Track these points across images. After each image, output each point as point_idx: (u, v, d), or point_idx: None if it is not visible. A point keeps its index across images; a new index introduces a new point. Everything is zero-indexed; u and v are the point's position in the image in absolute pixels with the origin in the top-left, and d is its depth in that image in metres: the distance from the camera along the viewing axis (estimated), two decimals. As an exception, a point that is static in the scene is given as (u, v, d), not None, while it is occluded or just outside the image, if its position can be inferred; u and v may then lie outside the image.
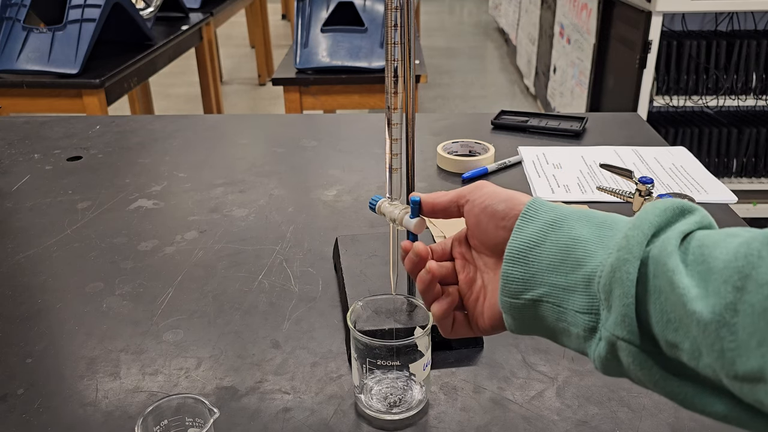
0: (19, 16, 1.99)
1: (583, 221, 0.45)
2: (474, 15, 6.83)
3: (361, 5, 2.03)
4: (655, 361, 0.40)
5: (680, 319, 0.37)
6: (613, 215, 0.45)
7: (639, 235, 0.40)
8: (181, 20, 2.72)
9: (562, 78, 3.20)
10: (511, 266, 0.46)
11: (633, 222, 0.41)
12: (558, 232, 0.45)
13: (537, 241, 0.45)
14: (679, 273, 0.37)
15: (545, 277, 0.44)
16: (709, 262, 0.37)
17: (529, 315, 0.46)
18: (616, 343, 0.40)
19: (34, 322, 0.77)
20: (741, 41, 2.32)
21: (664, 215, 0.41)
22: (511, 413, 0.63)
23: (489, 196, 0.50)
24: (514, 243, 0.46)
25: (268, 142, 1.31)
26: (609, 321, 0.40)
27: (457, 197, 0.53)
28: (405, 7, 0.59)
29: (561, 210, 0.46)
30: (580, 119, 1.33)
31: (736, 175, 2.47)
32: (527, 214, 0.46)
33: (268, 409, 0.64)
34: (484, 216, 0.50)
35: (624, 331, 0.40)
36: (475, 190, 0.51)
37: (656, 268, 0.39)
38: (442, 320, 0.53)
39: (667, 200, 0.42)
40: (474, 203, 0.51)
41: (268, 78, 4.46)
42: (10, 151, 1.26)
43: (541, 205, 0.47)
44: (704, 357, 0.36)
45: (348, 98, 2.06)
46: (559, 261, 0.44)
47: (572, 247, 0.44)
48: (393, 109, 0.62)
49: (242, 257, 0.89)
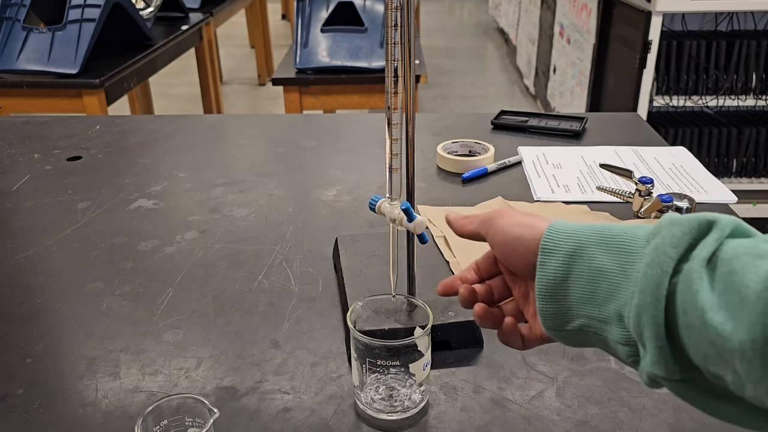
0: (19, 16, 1.99)
1: (602, 246, 0.44)
2: (474, 15, 6.83)
3: (361, 5, 2.03)
4: (699, 389, 0.39)
5: (719, 354, 0.36)
6: (632, 231, 0.43)
7: (659, 274, 0.39)
8: (181, 20, 2.72)
9: (562, 78, 3.20)
10: (544, 303, 0.46)
11: (651, 257, 0.40)
12: (580, 263, 0.44)
13: (562, 276, 0.45)
14: (710, 310, 0.36)
15: (580, 309, 0.44)
16: (740, 292, 0.35)
17: (577, 340, 0.47)
18: (657, 379, 0.40)
19: (34, 322, 0.77)
20: (741, 41, 2.32)
21: (683, 243, 0.39)
22: (511, 413, 0.63)
23: (508, 229, 0.49)
24: (541, 281, 0.46)
25: (268, 142, 1.31)
26: (646, 360, 0.40)
27: (479, 227, 0.52)
28: (405, 7, 0.59)
29: (579, 236, 0.45)
30: (580, 119, 1.33)
31: (736, 175, 2.47)
32: (546, 247, 0.46)
33: (268, 409, 0.64)
34: (507, 250, 0.50)
35: (661, 370, 0.39)
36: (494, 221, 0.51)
37: (684, 305, 0.38)
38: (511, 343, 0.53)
39: (683, 222, 0.40)
40: (494, 237, 0.51)
41: (268, 78, 4.46)
42: (10, 151, 1.26)
43: (558, 233, 0.46)
44: (748, 389, 0.35)
45: (348, 98, 2.06)
46: (588, 294, 0.44)
47: (597, 280, 0.43)
48: (393, 109, 0.62)
49: (242, 257, 0.89)
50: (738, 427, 0.40)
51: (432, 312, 0.62)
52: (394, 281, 0.67)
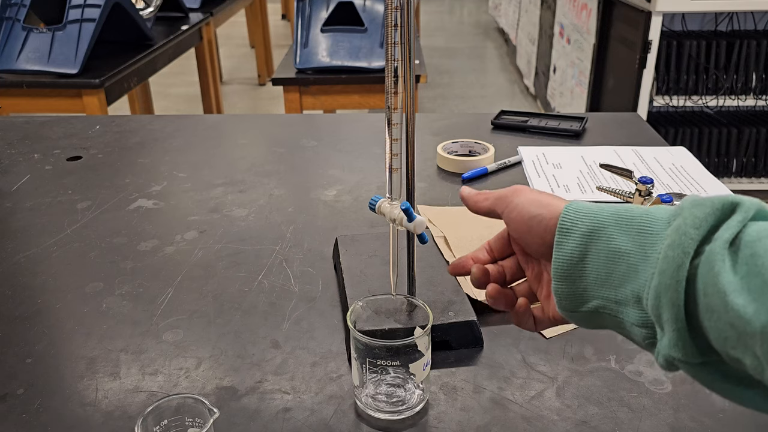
0: (19, 16, 1.99)
1: (622, 227, 0.43)
2: (474, 15, 6.83)
3: (361, 5, 2.03)
4: (719, 372, 0.39)
5: (738, 338, 0.35)
6: (651, 213, 0.42)
7: (680, 255, 0.38)
8: (181, 20, 2.72)
9: (562, 78, 3.20)
10: (560, 284, 0.45)
11: (672, 238, 0.39)
12: (598, 244, 0.44)
13: (579, 256, 0.44)
14: (732, 292, 0.35)
15: (596, 290, 0.44)
16: (764, 275, 0.35)
17: (591, 321, 0.46)
18: (674, 362, 0.40)
19: (34, 322, 0.77)
20: (741, 41, 2.32)
21: (705, 224, 0.39)
22: (511, 413, 0.63)
23: (526, 206, 0.49)
24: (557, 261, 0.45)
25: (268, 142, 1.31)
26: (663, 341, 0.40)
27: (495, 204, 0.52)
28: (405, 7, 0.59)
29: (597, 215, 0.44)
30: (580, 119, 1.33)
31: (736, 175, 2.47)
32: (563, 227, 0.45)
33: (268, 409, 0.64)
34: (523, 228, 0.49)
35: (679, 353, 0.39)
36: (511, 199, 0.50)
37: (705, 287, 0.37)
38: (523, 324, 0.52)
39: (705, 203, 0.39)
40: (510, 214, 0.50)
41: (268, 78, 4.46)
42: (10, 151, 1.26)
43: (575, 212, 0.45)
44: None
45: (348, 98, 2.06)
46: (605, 275, 0.43)
47: (615, 260, 0.43)
48: (393, 109, 0.62)
49: (242, 257, 0.89)
50: (738, 427, 0.40)
51: (432, 312, 0.62)
52: (394, 281, 0.67)
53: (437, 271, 0.78)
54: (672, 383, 0.66)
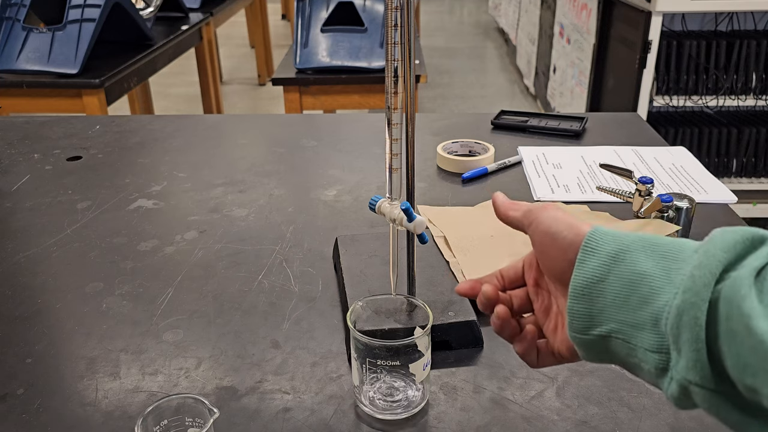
0: (19, 16, 1.99)
1: (648, 252, 0.43)
2: (474, 15, 6.83)
3: (361, 5, 2.03)
4: (732, 403, 0.38)
5: (760, 365, 0.35)
6: (680, 242, 0.43)
7: (706, 275, 0.38)
8: (181, 20, 2.72)
9: (562, 78, 3.20)
10: (576, 302, 0.45)
11: (700, 259, 0.39)
12: (621, 266, 0.43)
13: (600, 276, 0.44)
14: (756, 317, 0.35)
15: (612, 313, 0.43)
16: None
17: (599, 349, 0.45)
18: (689, 387, 0.39)
19: (34, 321, 0.77)
20: (741, 41, 2.32)
21: (734, 250, 0.39)
22: (511, 413, 0.63)
23: (552, 223, 0.49)
24: (577, 279, 0.45)
25: (268, 142, 1.31)
26: (680, 364, 0.39)
27: (524, 216, 0.51)
28: (405, 7, 0.59)
29: (623, 240, 0.44)
30: (580, 119, 1.33)
31: (736, 175, 2.47)
32: (588, 246, 0.45)
33: (268, 409, 0.64)
34: (547, 240, 0.49)
35: (696, 377, 0.38)
36: (539, 212, 0.50)
37: (729, 311, 0.37)
38: (526, 357, 0.52)
39: (736, 231, 0.40)
40: (537, 228, 0.50)
41: (268, 78, 4.46)
42: (10, 151, 1.26)
43: (602, 235, 0.45)
44: None
45: (348, 98, 2.06)
46: (624, 297, 0.43)
47: (637, 283, 0.42)
48: (393, 109, 0.62)
49: (242, 257, 0.89)
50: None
51: (432, 312, 0.62)
52: (394, 281, 0.67)
53: (437, 271, 0.78)
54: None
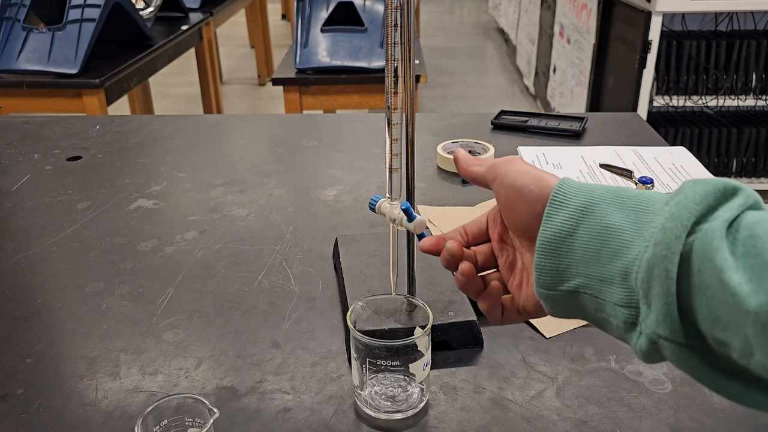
0: (19, 16, 1.99)
1: (617, 204, 0.42)
2: (474, 15, 6.83)
3: (361, 5, 2.03)
4: (700, 357, 0.38)
5: (730, 318, 0.35)
6: (649, 194, 0.42)
7: (678, 227, 0.37)
8: (181, 20, 2.72)
9: (562, 78, 3.20)
10: (544, 257, 0.44)
11: (671, 211, 0.38)
12: (590, 219, 0.42)
13: (569, 230, 0.43)
14: (728, 269, 0.34)
15: (580, 268, 0.42)
16: (762, 256, 0.34)
17: (567, 305, 0.45)
18: (658, 341, 0.39)
19: (34, 322, 0.77)
20: (741, 41, 2.32)
21: (705, 201, 0.38)
22: (511, 413, 0.63)
23: (518, 175, 0.47)
24: (544, 233, 0.44)
25: (268, 142, 1.31)
26: (649, 318, 0.39)
27: (488, 171, 0.50)
28: (405, 7, 0.59)
29: (592, 192, 0.43)
30: (580, 119, 1.33)
31: (736, 175, 2.47)
32: (556, 199, 0.44)
33: (268, 409, 0.64)
34: (514, 195, 0.47)
35: (666, 330, 0.38)
36: (504, 166, 0.49)
37: (701, 264, 0.36)
38: (490, 314, 0.51)
39: (707, 182, 0.39)
40: (502, 182, 0.48)
41: (268, 78, 4.46)
42: (10, 151, 1.26)
43: (570, 188, 0.44)
44: (757, 356, 0.34)
45: (348, 98, 2.06)
46: (593, 251, 0.42)
47: (607, 236, 0.41)
48: (393, 109, 0.62)
49: (242, 257, 0.89)
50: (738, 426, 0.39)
51: (432, 312, 0.62)
52: (394, 281, 0.67)
53: (437, 271, 0.78)
54: (672, 383, 0.66)
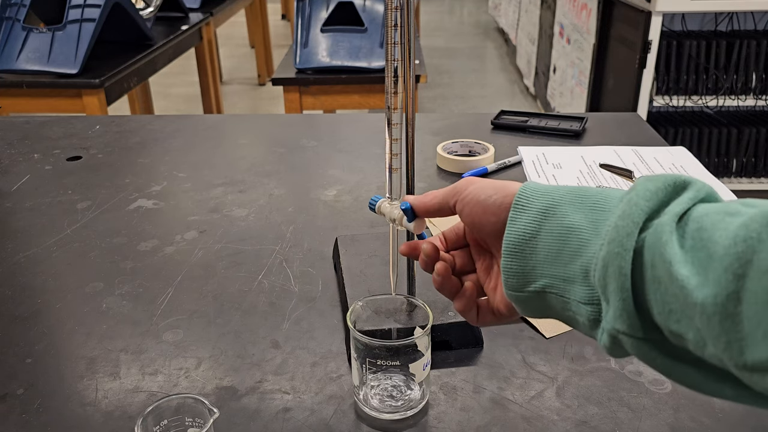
0: (19, 16, 1.99)
1: (577, 204, 0.43)
2: (474, 15, 6.83)
3: (361, 5, 2.03)
4: (659, 350, 0.39)
5: (682, 310, 0.36)
6: (606, 192, 0.43)
7: (629, 225, 0.39)
8: (180, 20, 2.72)
9: (562, 78, 3.20)
10: (510, 260, 0.45)
11: (623, 209, 0.40)
12: (552, 221, 0.44)
13: (532, 232, 0.44)
14: (677, 263, 0.36)
15: (545, 268, 0.44)
16: (708, 248, 0.35)
17: (536, 305, 0.46)
18: (618, 336, 0.39)
19: (34, 322, 0.77)
20: (741, 41, 2.32)
21: (656, 197, 0.39)
22: (511, 413, 0.63)
23: (479, 191, 0.49)
24: (509, 236, 0.45)
25: (268, 142, 1.31)
26: (608, 314, 0.40)
27: (446, 198, 0.52)
28: (405, 7, 0.59)
29: (553, 195, 0.45)
30: (580, 119, 1.33)
31: (736, 175, 2.47)
32: (519, 203, 0.46)
33: (268, 409, 0.64)
34: (478, 210, 0.49)
35: (623, 325, 0.39)
36: (463, 189, 0.51)
37: (653, 259, 0.37)
38: (466, 314, 0.52)
39: (658, 178, 0.40)
40: (464, 200, 0.50)
41: (268, 78, 4.46)
42: (10, 151, 1.26)
43: (532, 191, 0.46)
44: (709, 347, 0.35)
45: (348, 98, 2.06)
46: (556, 252, 0.43)
47: (567, 236, 0.43)
48: (393, 109, 0.62)
49: (242, 257, 0.89)
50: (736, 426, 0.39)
51: (432, 312, 0.62)
52: (394, 281, 0.67)
53: (437, 271, 0.78)
54: (672, 383, 0.66)
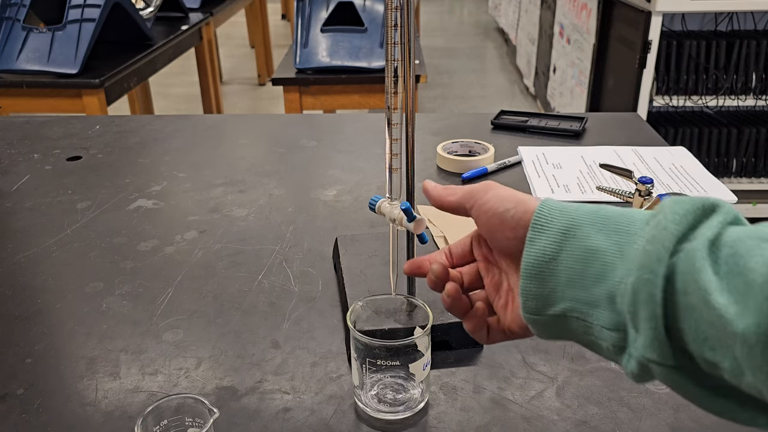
0: (19, 16, 1.99)
1: (598, 226, 0.42)
2: (474, 15, 6.83)
3: (361, 5, 2.03)
4: (691, 378, 0.38)
5: (719, 338, 0.34)
6: (629, 213, 0.42)
7: (660, 250, 0.37)
8: (180, 20, 2.72)
9: (562, 78, 3.20)
10: (529, 282, 0.43)
11: (651, 233, 0.38)
12: (572, 242, 0.42)
13: (552, 254, 0.42)
14: (713, 291, 0.34)
15: (566, 291, 0.42)
16: (746, 275, 0.34)
17: (555, 329, 0.44)
18: (648, 365, 0.38)
19: (34, 322, 0.77)
20: (741, 41, 2.32)
21: (685, 221, 0.38)
22: (511, 413, 0.63)
23: (498, 202, 0.47)
24: (528, 258, 0.43)
25: (268, 142, 1.31)
26: (638, 342, 0.38)
27: (463, 200, 0.50)
28: (405, 7, 0.59)
29: (573, 214, 0.43)
30: (580, 119, 1.33)
31: (736, 175, 2.47)
32: (538, 223, 0.44)
33: (268, 409, 0.64)
34: (495, 221, 0.47)
35: (654, 354, 0.37)
36: (481, 194, 0.49)
37: (686, 286, 0.36)
38: (476, 334, 0.51)
39: (686, 201, 0.39)
40: (481, 208, 0.48)
41: (268, 78, 4.46)
42: (10, 151, 1.26)
43: (550, 210, 0.44)
44: (747, 377, 0.34)
45: (348, 98, 2.06)
46: (578, 275, 0.41)
47: (590, 259, 0.41)
48: (393, 109, 0.62)
49: (242, 257, 0.89)
50: (736, 426, 0.39)
51: (432, 312, 0.62)
52: (394, 281, 0.67)
53: (437, 271, 0.78)
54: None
